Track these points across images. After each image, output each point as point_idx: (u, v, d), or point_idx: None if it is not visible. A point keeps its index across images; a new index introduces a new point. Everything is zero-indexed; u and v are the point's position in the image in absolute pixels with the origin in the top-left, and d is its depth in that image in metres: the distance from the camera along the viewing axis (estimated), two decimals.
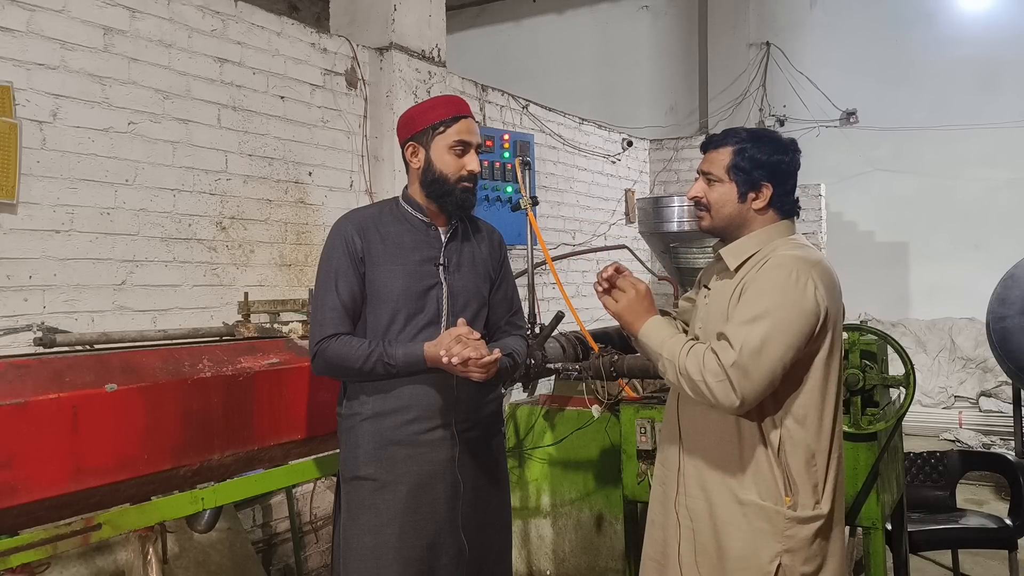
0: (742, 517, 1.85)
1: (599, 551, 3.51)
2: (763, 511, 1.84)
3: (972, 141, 7.37)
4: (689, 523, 1.94)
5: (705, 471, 1.92)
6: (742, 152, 1.93)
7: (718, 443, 1.90)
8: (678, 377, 1.82)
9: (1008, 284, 5.24)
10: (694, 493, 1.94)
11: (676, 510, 1.97)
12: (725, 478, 1.88)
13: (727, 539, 1.87)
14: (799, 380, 1.84)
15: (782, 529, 1.83)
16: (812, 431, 1.86)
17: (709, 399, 1.78)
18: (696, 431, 1.96)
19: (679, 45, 8.86)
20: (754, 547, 1.84)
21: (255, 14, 3.58)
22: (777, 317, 1.77)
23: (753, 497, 1.84)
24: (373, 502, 2.13)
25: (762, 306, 1.79)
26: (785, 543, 1.82)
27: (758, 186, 1.93)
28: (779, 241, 1.93)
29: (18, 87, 2.71)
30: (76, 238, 2.89)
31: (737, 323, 1.80)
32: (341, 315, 2.14)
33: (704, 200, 1.98)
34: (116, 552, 2.59)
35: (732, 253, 1.95)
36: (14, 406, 1.87)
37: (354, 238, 2.17)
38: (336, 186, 3.99)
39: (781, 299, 1.79)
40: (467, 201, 2.22)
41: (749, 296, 1.84)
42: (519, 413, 3.72)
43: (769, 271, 1.85)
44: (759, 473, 1.85)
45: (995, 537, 3.42)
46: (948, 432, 6.88)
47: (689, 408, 1.98)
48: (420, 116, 2.22)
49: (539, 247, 3.10)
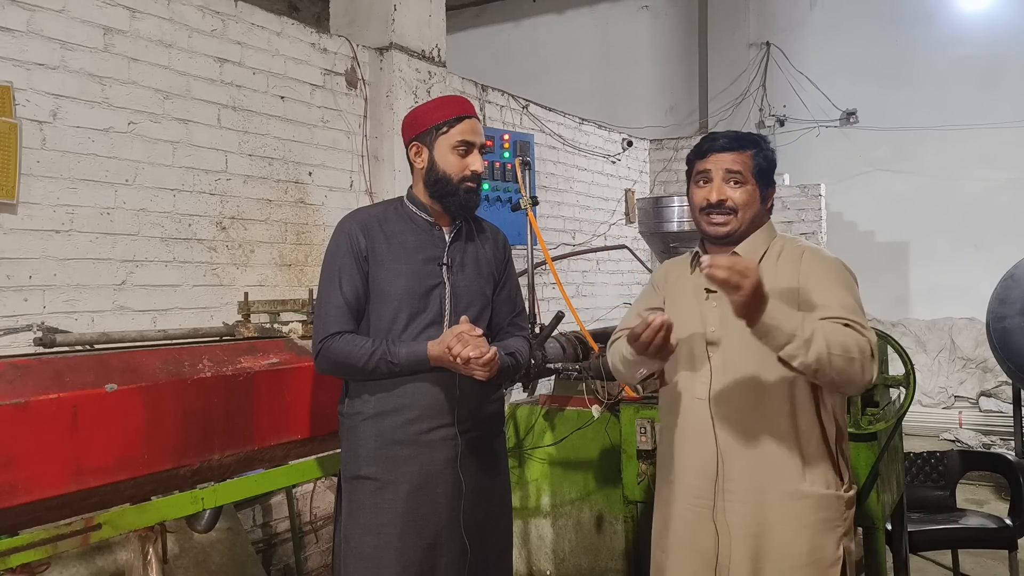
0: (808, 510, 1.86)
1: (599, 551, 3.51)
2: (827, 500, 1.88)
3: (972, 141, 7.36)
4: (742, 531, 1.88)
5: (758, 476, 1.88)
6: (762, 155, 1.97)
7: (774, 444, 1.88)
8: (827, 354, 1.68)
9: (1008, 284, 5.24)
10: (743, 498, 1.89)
11: (715, 519, 1.91)
12: (784, 477, 1.87)
13: (792, 536, 1.86)
14: None
15: (841, 513, 1.90)
16: (844, 416, 1.96)
17: (854, 376, 1.74)
18: (743, 436, 1.90)
19: (679, 45, 8.86)
20: (823, 538, 1.87)
21: (255, 14, 3.58)
22: (858, 299, 1.87)
23: (819, 488, 1.88)
24: (374, 502, 2.13)
25: (852, 295, 1.86)
26: (844, 526, 1.90)
27: (771, 187, 2.00)
28: (779, 236, 2.00)
29: (18, 87, 2.71)
30: (76, 238, 2.89)
31: (848, 309, 1.82)
32: (345, 313, 2.14)
33: (730, 203, 1.93)
34: (116, 552, 2.59)
35: (748, 251, 1.94)
36: (14, 406, 1.87)
37: (358, 237, 2.17)
38: (336, 186, 3.99)
39: (854, 288, 1.89)
40: (471, 201, 2.22)
41: (828, 285, 1.87)
42: (519, 413, 3.72)
43: (821, 259, 1.92)
44: (819, 464, 1.89)
45: (995, 537, 3.42)
46: (948, 432, 6.88)
47: (734, 415, 1.91)
48: (424, 116, 2.23)
49: (539, 247, 3.10)
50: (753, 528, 1.87)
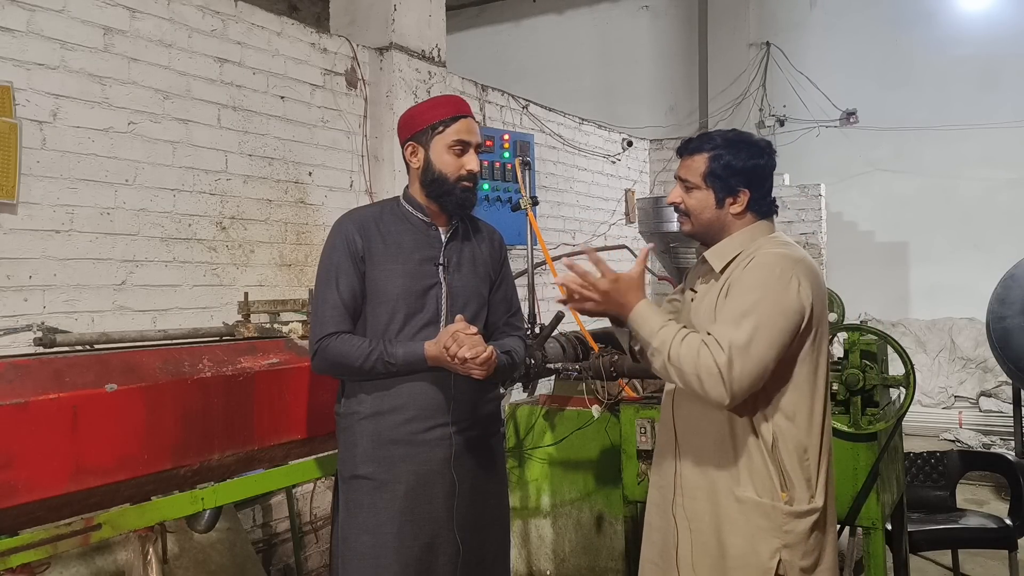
0: (740, 515, 1.86)
1: (599, 551, 3.51)
2: (760, 507, 1.84)
3: (972, 141, 7.37)
4: (687, 525, 1.94)
5: (702, 472, 1.92)
6: (718, 159, 1.93)
7: (713, 443, 1.90)
8: (666, 366, 1.80)
9: (1008, 284, 5.24)
10: (692, 494, 1.93)
11: (674, 512, 1.97)
12: (722, 477, 1.89)
13: (727, 538, 1.87)
14: (787, 376, 1.85)
15: (780, 524, 1.83)
16: (803, 426, 1.87)
17: (699, 393, 1.77)
18: (691, 433, 1.96)
19: (679, 45, 8.86)
20: (754, 544, 1.84)
21: (255, 14, 3.58)
22: (764, 313, 1.78)
23: (750, 494, 1.85)
24: (371, 501, 2.13)
25: (748, 302, 1.79)
26: (784, 538, 1.83)
27: (735, 192, 1.94)
28: (762, 240, 1.94)
29: (18, 87, 2.71)
30: (76, 238, 2.89)
31: (725, 321, 1.80)
32: (342, 313, 2.14)
33: (683, 206, 2.00)
34: (116, 552, 2.59)
35: (716, 255, 1.96)
36: (14, 406, 1.87)
37: (355, 237, 2.17)
38: (336, 186, 3.99)
39: (766, 295, 1.80)
40: (467, 201, 2.22)
41: (735, 293, 1.84)
42: (519, 413, 3.72)
43: (754, 269, 1.86)
44: (754, 470, 1.86)
45: (995, 537, 3.42)
46: (948, 432, 6.88)
47: (684, 411, 1.98)
48: (419, 116, 2.22)
49: (539, 247, 3.10)
50: (698, 524, 1.92)
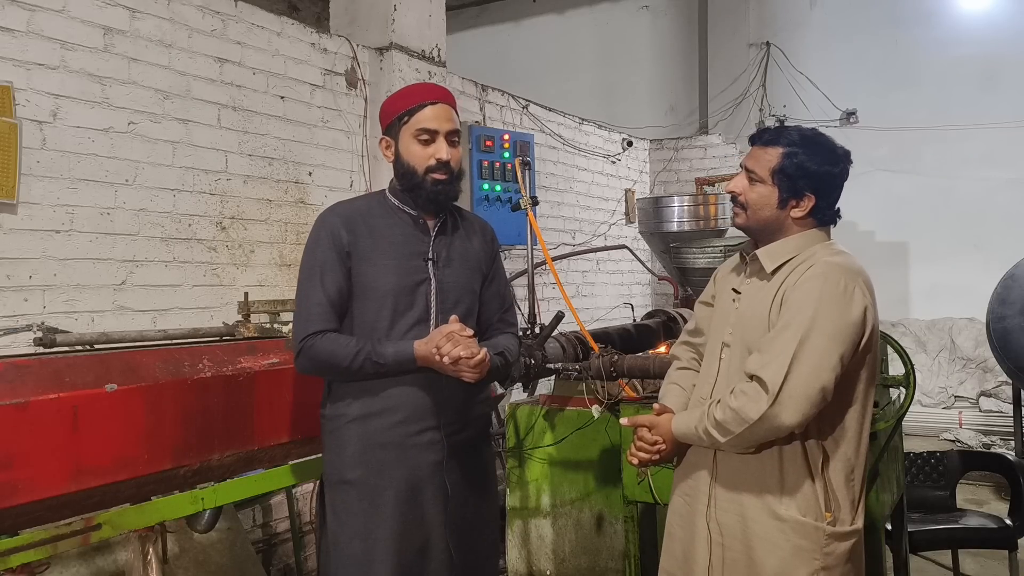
0: (780, 533, 1.79)
1: (599, 551, 3.51)
2: (803, 527, 1.78)
3: (972, 141, 7.36)
4: (720, 538, 1.87)
5: (741, 486, 1.85)
6: (791, 156, 1.84)
7: (757, 458, 1.83)
8: (719, 441, 1.80)
9: (1008, 284, 5.24)
10: (727, 507, 1.87)
11: (707, 524, 1.90)
12: (763, 494, 1.82)
13: (762, 555, 1.81)
14: (843, 394, 1.79)
15: (822, 546, 1.78)
16: (852, 446, 1.81)
17: (750, 444, 1.78)
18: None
19: (679, 45, 8.85)
20: (791, 564, 1.78)
21: (255, 14, 3.58)
22: (827, 329, 1.71)
23: (793, 513, 1.79)
24: (362, 506, 2.08)
25: (808, 316, 1.72)
26: (824, 560, 1.78)
27: (801, 195, 1.85)
28: (818, 247, 1.86)
29: (18, 87, 2.71)
30: (76, 238, 2.89)
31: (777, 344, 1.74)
32: (327, 311, 2.06)
33: (742, 198, 1.90)
34: (116, 552, 2.59)
35: (769, 255, 1.88)
36: (14, 406, 1.87)
37: (340, 231, 2.09)
38: (336, 186, 3.99)
39: (828, 310, 1.73)
40: (440, 194, 2.11)
41: (793, 305, 1.76)
42: (519, 413, 3.71)
43: (813, 280, 1.77)
44: (800, 489, 1.80)
45: (995, 537, 3.42)
46: (948, 432, 6.88)
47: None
48: (388, 107, 2.15)
49: (539, 247, 3.09)
50: (731, 540, 1.86)
